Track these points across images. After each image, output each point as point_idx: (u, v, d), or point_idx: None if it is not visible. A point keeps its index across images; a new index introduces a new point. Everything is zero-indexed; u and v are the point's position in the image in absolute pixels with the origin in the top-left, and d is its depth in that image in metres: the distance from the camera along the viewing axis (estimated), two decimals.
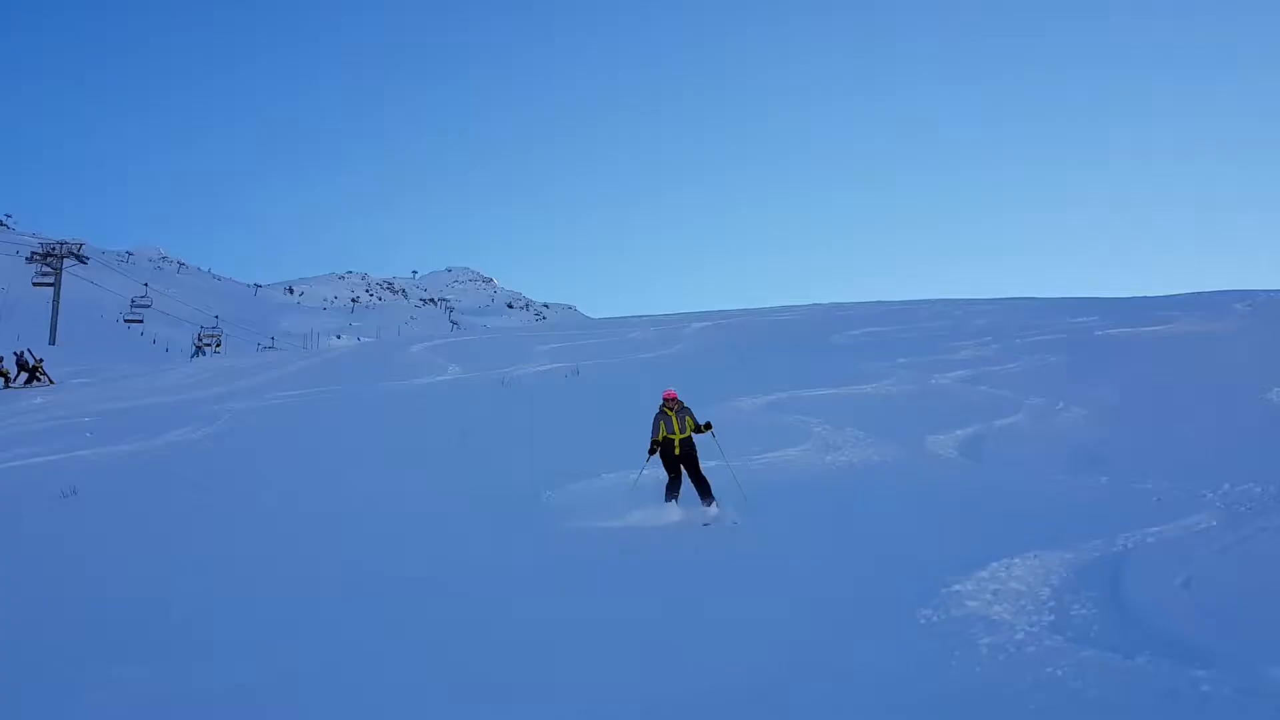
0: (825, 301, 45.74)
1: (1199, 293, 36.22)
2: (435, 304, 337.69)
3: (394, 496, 13.69)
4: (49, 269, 64.99)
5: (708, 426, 12.77)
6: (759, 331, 32.77)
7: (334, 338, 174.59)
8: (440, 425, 18.99)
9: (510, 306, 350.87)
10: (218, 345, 79.53)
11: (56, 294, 64.82)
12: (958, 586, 8.01)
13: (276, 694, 6.90)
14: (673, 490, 12.39)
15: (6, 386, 33.12)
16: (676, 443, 12.47)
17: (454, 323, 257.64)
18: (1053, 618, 7.48)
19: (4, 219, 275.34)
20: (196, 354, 74.45)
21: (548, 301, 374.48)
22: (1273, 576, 8.35)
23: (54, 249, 66.03)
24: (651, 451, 12.57)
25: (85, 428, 21.23)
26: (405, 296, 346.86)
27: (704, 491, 12.27)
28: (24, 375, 33.95)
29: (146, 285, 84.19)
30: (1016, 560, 8.78)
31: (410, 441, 17.77)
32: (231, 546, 11.62)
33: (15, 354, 34.82)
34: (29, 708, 7.03)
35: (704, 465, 12.76)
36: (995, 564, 8.64)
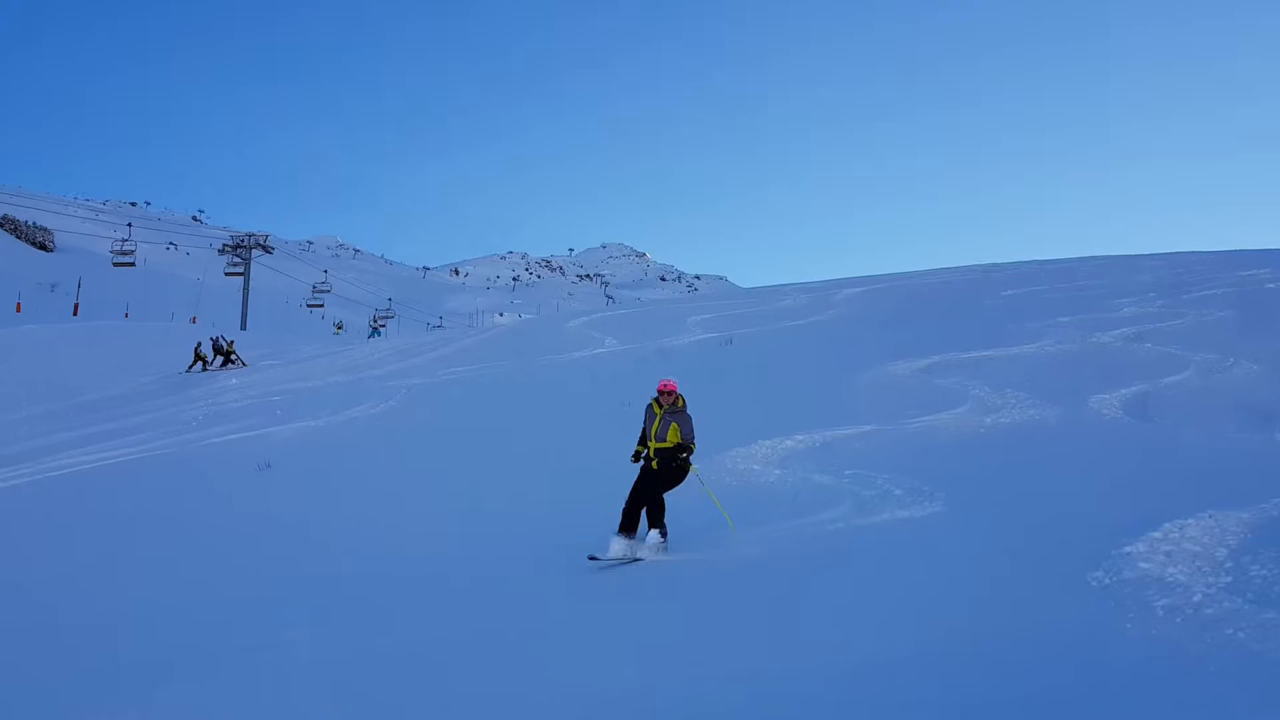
0: (977, 263, 44.21)
1: None
2: (591, 279, 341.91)
3: (552, 470, 13.82)
4: (239, 260, 68.29)
5: (686, 457, 9.68)
6: (911, 296, 31.95)
7: (497, 315, 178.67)
8: (600, 395, 19.16)
9: (663, 279, 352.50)
10: (366, 326, 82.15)
11: (246, 282, 68.12)
12: (1129, 548, 7.62)
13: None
14: (629, 524, 9.50)
15: (205, 369, 34.98)
16: (651, 452, 9.68)
17: (609, 297, 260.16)
18: (1231, 579, 7.05)
19: (198, 215, 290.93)
20: (373, 334, 77.06)
21: (699, 273, 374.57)
22: None
23: (243, 241, 69.31)
24: (636, 455, 9.91)
25: (275, 406, 22.23)
26: (563, 273, 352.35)
27: (655, 516, 9.56)
28: (220, 359, 35.82)
29: (326, 272, 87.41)
30: (1190, 521, 8.30)
31: (570, 411, 18.00)
32: (403, 517, 12.00)
33: (212, 339, 36.75)
34: (212, 665, 7.40)
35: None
36: (1168, 525, 8.18)
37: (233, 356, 36.05)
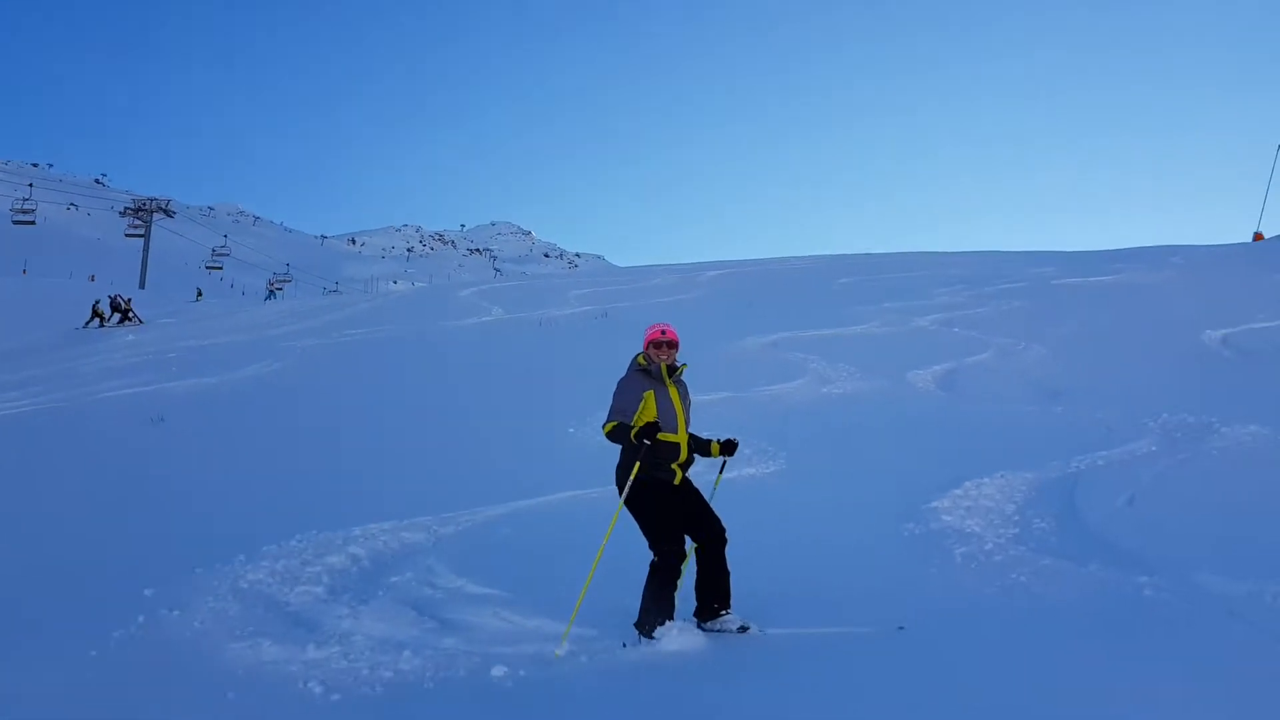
0: (825, 253, 45.23)
1: (1141, 247, 35.78)
2: (480, 253, 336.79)
3: (425, 431, 13.34)
4: (140, 222, 64.64)
5: (729, 448, 6.01)
6: (765, 279, 32.56)
7: (392, 283, 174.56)
8: (484, 360, 19.04)
9: (546, 256, 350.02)
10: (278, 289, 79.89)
11: (146, 245, 64.50)
12: (935, 503, 8.07)
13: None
14: (669, 589, 5.53)
15: (102, 325, 33.17)
16: (682, 454, 5.67)
17: (497, 270, 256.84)
18: (1017, 530, 7.56)
19: (101, 178, 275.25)
20: (269, 296, 74.62)
21: (580, 251, 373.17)
22: (1203, 495, 8.41)
23: (144, 205, 65.74)
24: (639, 452, 5.46)
25: (171, 363, 21.17)
26: (454, 247, 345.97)
27: (720, 590, 5.65)
28: (117, 315, 33.98)
29: (226, 237, 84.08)
30: (986, 480, 8.84)
31: (455, 374, 17.84)
32: (283, 469, 11.49)
33: (110, 297, 34.84)
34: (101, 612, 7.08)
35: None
36: (968, 483, 8.70)
37: (130, 314, 34.27)
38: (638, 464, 5.48)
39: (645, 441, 5.38)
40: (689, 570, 5.82)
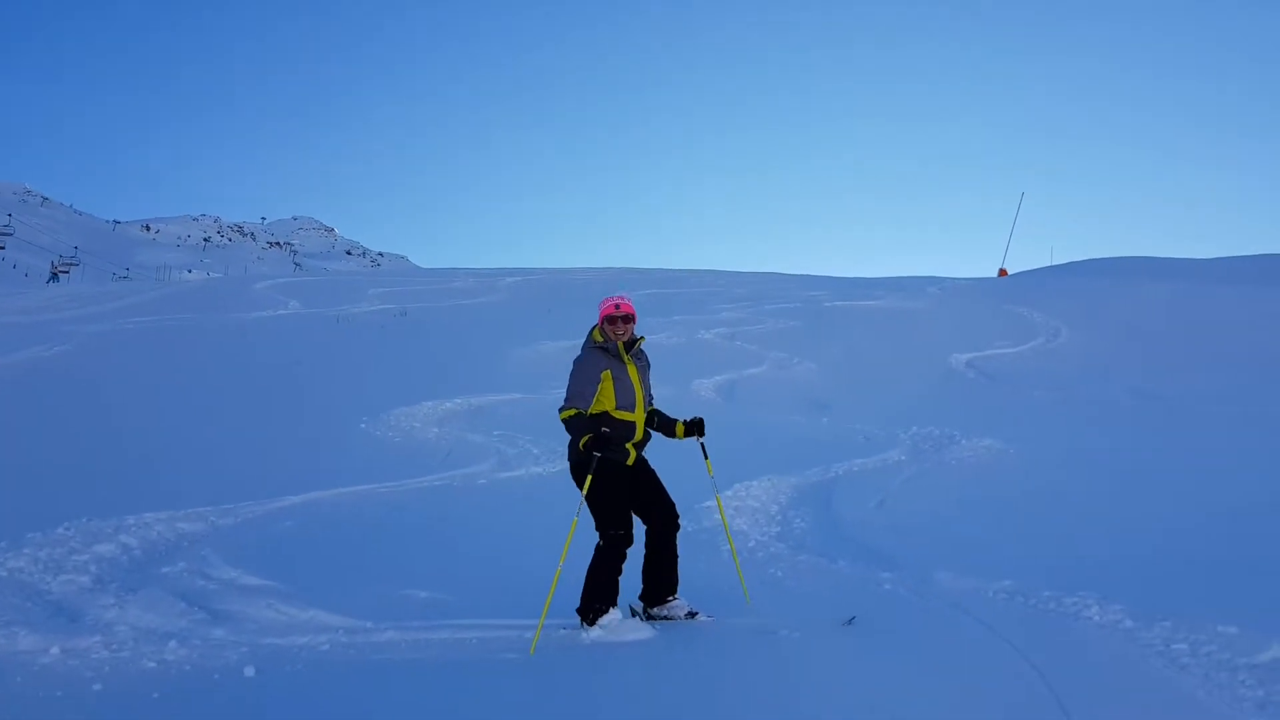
0: (617, 266, 45.87)
1: (902, 277, 38.25)
2: (280, 247, 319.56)
3: (211, 422, 12.46)
4: None
5: (696, 428, 5.89)
6: (563, 287, 32.57)
7: (186, 272, 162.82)
8: (277, 353, 18.10)
9: (349, 254, 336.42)
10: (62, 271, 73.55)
11: None
12: (708, 503, 8.20)
13: None
14: (614, 574, 5.24)
15: None
16: (637, 433, 5.44)
17: (297, 265, 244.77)
18: (779, 529, 7.84)
19: None
20: (53, 279, 68.50)
21: (383, 251, 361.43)
22: (943, 500, 9.00)
23: None
24: (595, 449, 5.09)
25: None
26: (254, 239, 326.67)
27: (670, 576, 5.47)
28: None
29: (10, 216, 76.33)
30: (755, 482, 9.14)
31: (245, 366, 16.84)
32: (57, 454, 10.43)
33: None
34: None
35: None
36: (739, 484, 8.96)
37: None
38: (589, 477, 5.16)
39: (595, 454, 5.08)
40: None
